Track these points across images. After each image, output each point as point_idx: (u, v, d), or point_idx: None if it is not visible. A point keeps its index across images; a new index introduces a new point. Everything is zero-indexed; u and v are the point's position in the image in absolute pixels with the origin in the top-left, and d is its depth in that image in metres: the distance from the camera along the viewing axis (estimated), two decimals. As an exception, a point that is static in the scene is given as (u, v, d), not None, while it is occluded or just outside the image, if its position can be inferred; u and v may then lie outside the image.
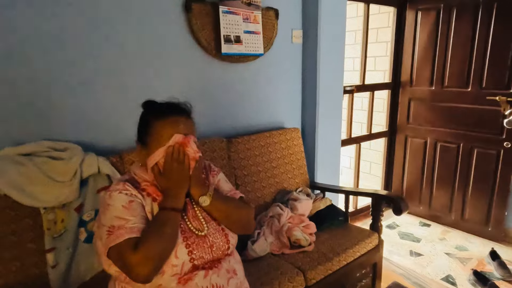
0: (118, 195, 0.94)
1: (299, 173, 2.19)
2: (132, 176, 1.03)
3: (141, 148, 1.02)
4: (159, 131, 0.97)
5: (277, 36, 2.12)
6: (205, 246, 0.98)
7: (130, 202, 0.93)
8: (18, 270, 1.25)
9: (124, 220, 0.89)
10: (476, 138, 2.65)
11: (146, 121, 1.00)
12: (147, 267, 0.84)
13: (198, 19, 1.75)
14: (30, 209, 1.27)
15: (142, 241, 0.86)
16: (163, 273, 0.90)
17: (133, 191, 0.96)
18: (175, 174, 0.95)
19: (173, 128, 0.97)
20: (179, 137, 0.96)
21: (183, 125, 0.99)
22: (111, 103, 1.58)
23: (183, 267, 0.93)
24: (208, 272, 0.96)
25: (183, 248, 0.94)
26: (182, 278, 0.93)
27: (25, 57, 1.34)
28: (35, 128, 1.40)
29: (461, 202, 2.79)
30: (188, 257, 0.94)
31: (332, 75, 2.32)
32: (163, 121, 0.98)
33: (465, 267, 2.33)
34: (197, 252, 0.95)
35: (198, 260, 0.95)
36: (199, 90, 1.87)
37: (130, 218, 0.90)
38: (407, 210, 1.81)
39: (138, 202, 0.95)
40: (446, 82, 2.75)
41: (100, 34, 1.51)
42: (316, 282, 1.56)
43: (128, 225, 0.89)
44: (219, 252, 1.01)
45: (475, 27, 2.52)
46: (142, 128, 1.01)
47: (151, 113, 1.01)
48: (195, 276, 0.93)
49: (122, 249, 0.86)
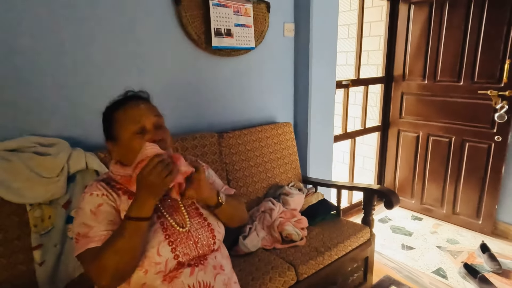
0: (89, 197, 0.92)
1: (291, 167, 2.18)
2: (109, 175, 1.02)
3: (112, 145, 1.01)
4: (122, 117, 0.97)
5: (268, 29, 2.10)
6: (189, 243, 0.96)
7: (98, 205, 0.91)
8: (4, 268, 1.23)
9: (88, 228, 0.88)
10: (467, 132, 2.66)
11: (107, 116, 1.00)
12: (105, 279, 0.83)
13: (188, 11, 1.72)
14: (15, 206, 1.25)
15: (99, 252, 0.84)
16: (146, 272, 0.89)
17: (104, 191, 0.94)
18: (153, 178, 0.84)
19: (134, 109, 0.97)
20: (155, 148, 0.88)
21: (143, 105, 0.99)
22: (98, 98, 1.54)
23: (167, 265, 0.91)
24: (194, 269, 0.94)
25: (166, 245, 0.92)
26: (167, 276, 0.91)
27: (11, 51, 1.31)
28: (20, 123, 1.37)
29: (453, 195, 2.81)
30: (172, 254, 0.92)
31: (325, 69, 2.31)
32: (122, 107, 0.98)
33: (456, 260, 2.35)
34: (181, 248, 0.94)
35: (183, 257, 0.94)
36: (189, 84, 1.85)
37: (94, 224, 0.88)
38: (398, 204, 1.82)
39: (109, 204, 0.93)
40: (438, 76, 2.76)
41: (86, 27, 1.47)
42: (308, 276, 1.56)
43: (91, 233, 0.87)
44: (204, 248, 0.99)
45: (467, 20, 2.52)
46: (106, 124, 1.01)
47: (109, 108, 1.02)
48: (181, 274, 0.92)
49: (84, 258, 0.86)
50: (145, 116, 0.97)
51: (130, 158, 0.94)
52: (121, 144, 0.97)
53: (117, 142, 0.98)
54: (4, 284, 1.23)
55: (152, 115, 0.99)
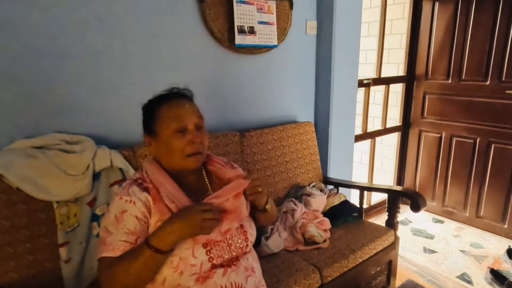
0: (118, 200, 0.90)
1: (312, 167, 2.15)
2: (142, 174, 0.98)
3: (150, 139, 0.99)
4: (165, 114, 0.95)
5: (291, 27, 2.06)
6: (223, 245, 0.94)
7: (122, 212, 0.88)
8: (31, 265, 1.24)
9: (107, 233, 0.87)
10: (494, 133, 2.57)
11: (150, 110, 0.99)
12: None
13: (212, 9, 1.70)
14: (43, 203, 1.25)
15: (111, 265, 0.83)
16: (182, 273, 0.87)
17: (134, 197, 0.90)
18: (191, 220, 0.82)
19: (178, 108, 0.96)
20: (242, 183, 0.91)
21: (188, 105, 0.98)
22: (123, 96, 1.55)
23: (202, 267, 0.90)
24: (226, 270, 0.93)
25: (201, 247, 0.90)
26: (201, 276, 0.90)
27: (36, 51, 1.31)
28: (47, 121, 1.37)
29: (477, 198, 2.73)
30: (207, 256, 0.90)
31: (347, 68, 2.26)
32: (167, 104, 0.96)
33: (481, 265, 2.28)
34: (215, 251, 0.92)
35: (217, 259, 0.92)
36: (211, 82, 1.83)
37: (113, 231, 0.87)
38: (425, 207, 1.76)
39: (132, 214, 0.88)
40: (463, 75, 2.67)
41: (111, 26, 1.46)
42: (332, 279, 1.52)
43: (108, 240, 0.86)
44: (238, 251, 0.98)
45: (495, 18, 2.43)
46: (147, 118, 0.99)
47: (152, 102, 0.99)
48: (214, 274, 0.91)
49: (98, 263, 0.87)
50: (188, 116, 0.95)
51: (166, 155, 0.95)
52: (160, 140, 0.95)
53: (156, 137, 0.96)
54: (30, 280, 1.24)
55: (195, 116, 0.98)
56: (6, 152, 1.23)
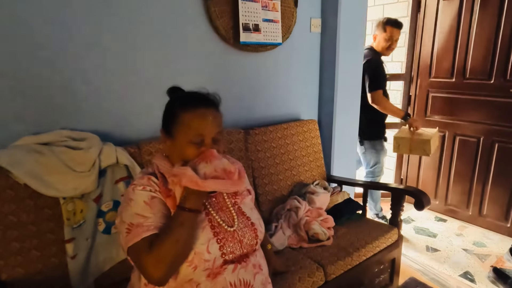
0: (141, 191, 0.91)
1: (316, 165, 2.15)
2: (154, 169, 0.99)
3: (166, 138, 0.98)
4: (187, 123, 0.92)
5: (295, 25, 2.06)
6: (235, 241, 0.95)
7: (152, 198, 0.91)
8: (38, 260, 1.24)
9: (143, 218, 0.87)
10: (498, 132, 2.57)
11: (173, 111, 0.96)
12: (159, 270, 0.82)
13: (217, 6, 1.70)
14: (49, 199, 1.26)
15: (157, 242, 0.83)
16: (195, 268, 0.88)
17: (156, 187, 0.93)
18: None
19: (201, 120, 0.93)
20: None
21: (212, 117, 0.94)
22: (128, 93, 1.55)
23: (215, 262, 0.91)
24: (236, 266, 0.94)
25: (215, 243, 0.91)
26: (212, 272, 0.91)
27: (42, 46, 1.31)
28: (53, 117, 1.38)
29: (480, 197, 2.73)
30: (220, 252, 0.91)
31: (351, 66, 2.26)
32: (191, 112, 0.93)
33: (483, 264, 2.28)
34: (228, 247, 0.93)
35: (229, 255, 0.93)
36: (215, 79, 1.83)
37: (149, 215, 0.88)
38: (429, 205, 1.77)
39: (161, 200, 0.92)
40: (467, 74, 2.67)
41: (116, 22, 1.47)
42: (336, 277, 1.53)
43: (146, 223, 0.86)
44: (248, 247, 0.98)
45: (500, 16, 2.43)
46: (169, 118, 0.97)
47: (178, 103, 0.96)
48: (224, 271, 0.91)
49: (138, 249, 0.84)
50: (208, 130, 0.93)
51: (177, 158, 0.95)
52: (174, 142, 0.95)
53: (172, 139, 0.95)
54: (37, 276, 1.24)
55: (215, 130, 0.95)
56: (13, 149, 1.24)
